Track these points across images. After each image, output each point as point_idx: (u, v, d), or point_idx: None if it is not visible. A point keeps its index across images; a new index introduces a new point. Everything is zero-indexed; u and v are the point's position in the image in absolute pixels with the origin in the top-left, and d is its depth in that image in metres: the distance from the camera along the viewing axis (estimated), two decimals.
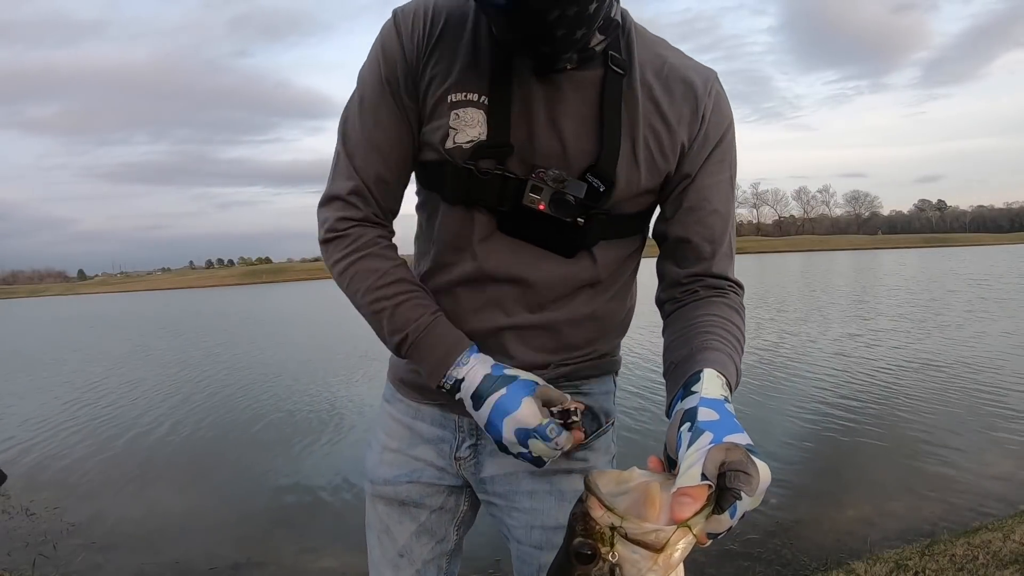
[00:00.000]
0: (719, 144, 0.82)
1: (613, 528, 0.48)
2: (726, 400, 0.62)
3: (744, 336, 0.78)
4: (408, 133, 0.81)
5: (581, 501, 0.51)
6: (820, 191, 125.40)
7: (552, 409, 0.77)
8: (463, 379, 0.78)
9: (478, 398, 0.76)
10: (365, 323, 0.86)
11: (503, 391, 0.75)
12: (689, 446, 0.54)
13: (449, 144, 0.78)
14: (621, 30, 0.80)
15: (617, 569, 0.48)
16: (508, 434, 0.74)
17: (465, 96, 0.77)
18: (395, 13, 0.80)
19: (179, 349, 13.26)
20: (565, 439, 0.75)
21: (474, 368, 0.78)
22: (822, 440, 4.62)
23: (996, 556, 2.45)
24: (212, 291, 58.23)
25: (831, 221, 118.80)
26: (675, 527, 0.48)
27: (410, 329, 0.80)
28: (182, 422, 6.48)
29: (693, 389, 0.63)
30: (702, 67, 0.84)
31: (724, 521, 0.51)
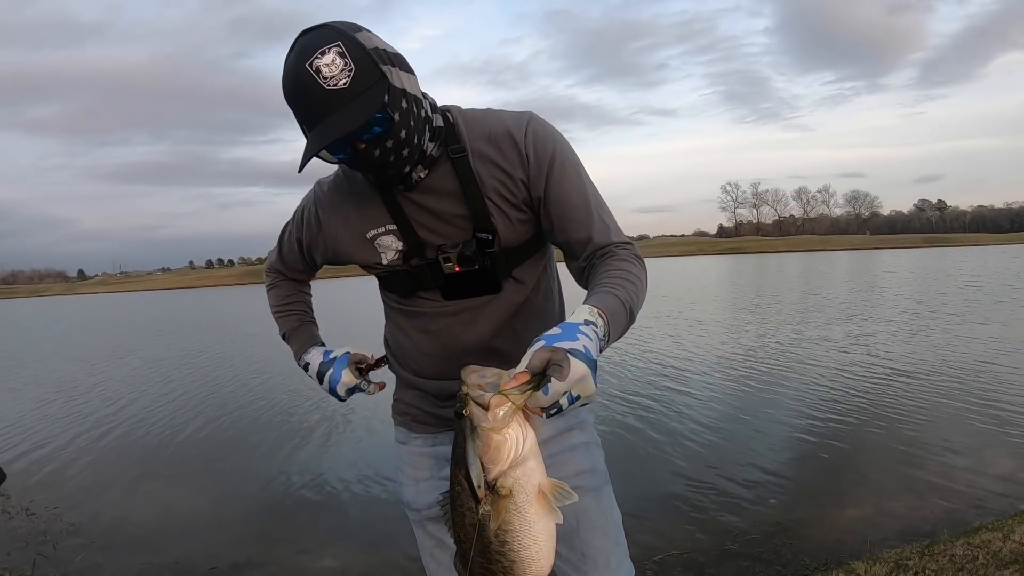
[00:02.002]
0: (552, 162, 1.05)
1: (466, 395, 0.76)
2: (585, 322, 0.83)
3: (632, 271, 0.99)
4: (302, 254, 1.28)
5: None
6: (820, 191, 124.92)
7: (360, 367, 1.23)
8: (309, 363, 1.28)
9: (321, 375, 1.24)
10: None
11: (331, 370, 1.23)
12: (529, 349, 0.80)
13: (385, 262, 1.12)
14: (450, 127, 1.06)
15: (469, 419, 0.75)
16: (342, 392, 1.23)
17: (377, 231, 1.11)
18: (313, 197, 1.20)
19: (178, 349, 13.26)
20: (374, 388, 1.24)
21: (314, 356, 1.28)
22: (822, 440, 4.62)
23: (996, 556, 2.45)
24: (212, 291, 58.22)
25: (831, 221, 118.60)
26: (495, 394, 0.74)
27: (286, 330, 1.38)
28: (182, 422, 6.48)
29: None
30: (517, 115, 1.08)
31: (541, 397, 0.74)
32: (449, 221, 1.07)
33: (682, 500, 3.71)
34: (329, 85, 0.88)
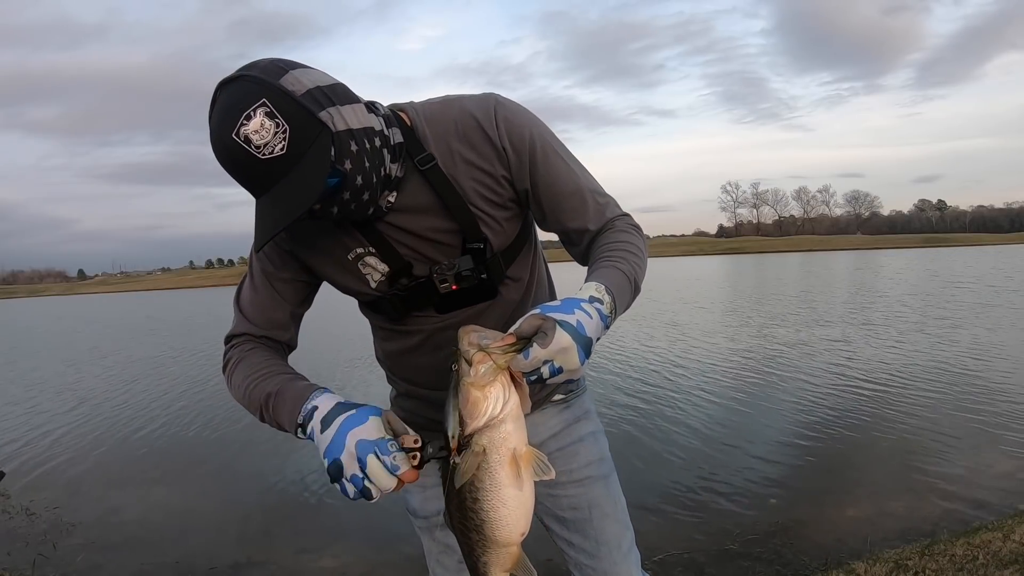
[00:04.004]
0: (532, 151, 0.97)
1: (456, 349, 0.77)
2: (590, 299, 0.82)
3: (632, 241, 0.98)
4: (276, 291, 1.04)
5: None
6: (820, 191, 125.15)
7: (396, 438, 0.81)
8: (316, 407, 0.85)
9: (327, 421, 0.82)
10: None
11: (352, 411, 0.82)
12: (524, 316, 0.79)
13: (373, 284, 1.01)
14: (410, 133, 0.95)
15: (456, 372, 0.77)
16: (350, 445, 0.78)
17: (357, 251, 0.99)
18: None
19: (177, 348, 13.26)
20: (401, 459, 0.78)
21: (326, 399, 0.86)
22: (822, 440, 4.62)
23: (996, 556, 2.45)
24: (212, 291, 58.23)
25: (831, 221, 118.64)
26: (477, 350, 0.75)
27: (272, 390, 0.93)
28: (182, 422, 6.48)
29: None
30: (482, 100, 0.98)
31: (521, 361, 0.74)
32: (433, 238, 0.98)
33: (682, 500, 3.71)
34: (264, 154, 0.76)
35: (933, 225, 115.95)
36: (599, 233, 1.02)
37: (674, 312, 13.64)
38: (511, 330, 0.77)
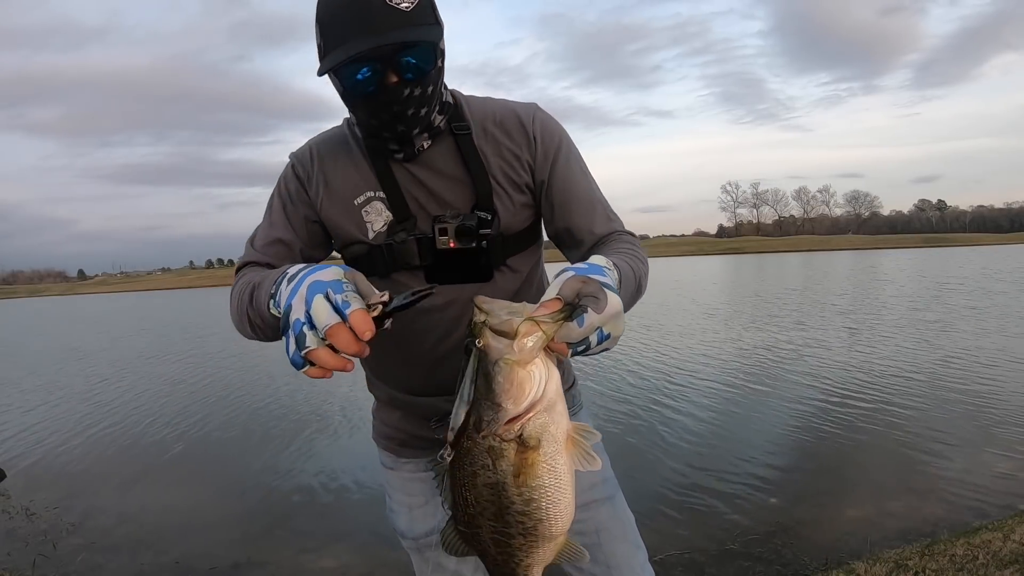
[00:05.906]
0: (558, 151, 1.04)
1: (483, 322, 0.64)
2: (605, 267, 0.74)
3: (636, 251, 0.96)
4: (291, 228, 1.04)
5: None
6: (820, 191, 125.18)
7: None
8: (286, 272, 0.75)
9: (293, 278, 0.71)
10: None
11: (315, 271, 0.71)
12: (555, 279, 0.71)
13: (371, 234, 1.01)
14: (455, 105, 1.02)
15: (485, 352, 0.63)
16: (303, 289, 0.68)
17: (366, 195, 1.00)
18: (291, 168, 1.05)
19: (179, 350, 13.26)
20: (353, 297, 0.66)
21: (298, 266, 0.75)
22: (822, 440, 4.62)
23: (996, 556, 2.45)
24: (212, 291, 58.20)
25: (831, 221, 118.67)
26: (523, 319, 0.63)
27: (256, 282, 0.86)
28: (182, 422, 6.48)
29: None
30: (524, 104, 1.07)
31: (574, 329, 0.64)
32: (446, 200, 1.00)
33: (682, 500, 3.71)
34: (392, 1, 0.84)
35: (933, 225, 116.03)
36: (603, 238, 1.04)
37: (674, 311, 13.65)
38: (549, 295, 0.67)
